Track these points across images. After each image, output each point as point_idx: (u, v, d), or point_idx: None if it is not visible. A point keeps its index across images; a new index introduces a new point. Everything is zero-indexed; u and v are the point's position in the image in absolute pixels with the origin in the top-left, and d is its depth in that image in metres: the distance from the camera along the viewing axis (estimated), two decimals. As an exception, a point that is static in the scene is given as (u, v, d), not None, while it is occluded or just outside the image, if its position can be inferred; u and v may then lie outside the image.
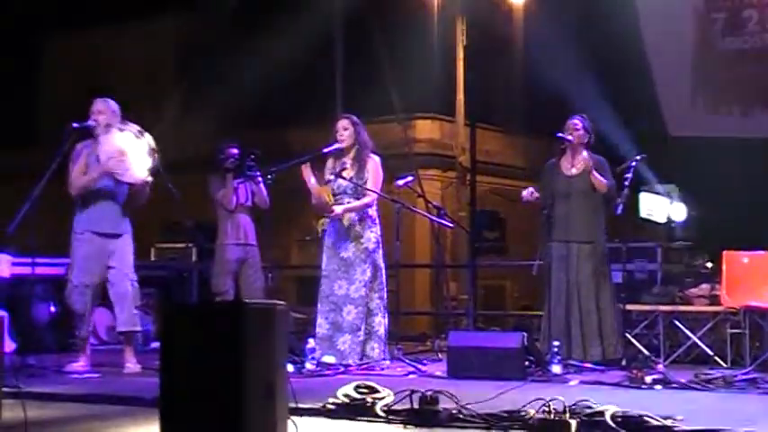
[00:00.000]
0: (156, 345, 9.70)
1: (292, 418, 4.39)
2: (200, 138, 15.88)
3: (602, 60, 13.72)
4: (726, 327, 10.12)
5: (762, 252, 10.43)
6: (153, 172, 9.23)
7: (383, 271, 9.78)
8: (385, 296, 9.77)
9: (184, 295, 12.69)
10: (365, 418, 6.28)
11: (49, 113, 22.32)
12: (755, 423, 5.81)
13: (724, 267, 10.44)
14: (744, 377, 8.59)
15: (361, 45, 16.10)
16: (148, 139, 9.26)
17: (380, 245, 9.78)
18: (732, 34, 13.34)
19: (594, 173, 9.65)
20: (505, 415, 5.97)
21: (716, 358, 9.93)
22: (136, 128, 9.31)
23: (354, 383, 6.83)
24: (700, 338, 10.15)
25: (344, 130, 9.73)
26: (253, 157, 11.30)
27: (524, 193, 9.95)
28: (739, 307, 10.00)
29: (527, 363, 8.64)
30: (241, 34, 18.53)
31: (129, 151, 9.19)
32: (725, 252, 10.52)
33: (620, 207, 9.76)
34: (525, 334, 9.13)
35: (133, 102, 9.67)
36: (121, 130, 9.25)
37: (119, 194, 9.29)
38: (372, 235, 9.67)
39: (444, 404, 6.18)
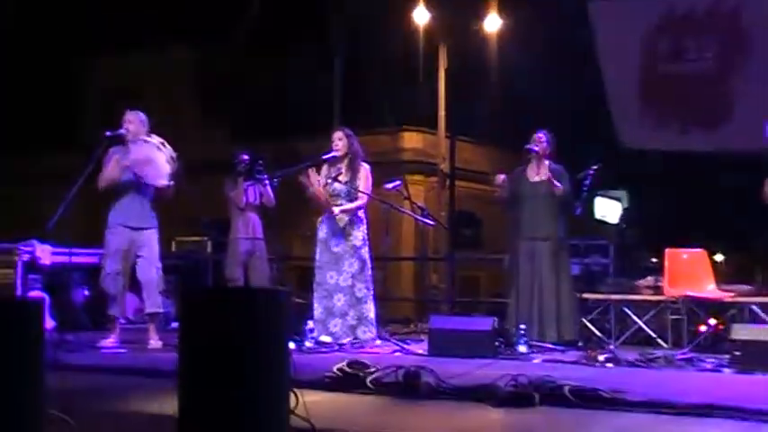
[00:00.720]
0: (175, 325, 9.69)
1: (294, 389, 4.39)
2: (216, 146, 15.84)
3: (564, 81, 13.73)
4: (667, 313, 10.15)
5: (698, 250, 10.49)
6: (173, 177, 9.26)
7: (369, 264, 9.79)
8: (372, 286, 9.76)
9: (200, 282, 12.68)
10: (357, 390, 6.27)
11: (86, 123, 22.36)
12: (690, 396, 5.82)
13: (666, 263, 10.50)
14: (682, 356, 8.62)
15: (356, 68, 16.12)
16: (169, 150, 9.30)
17: (367, 242, 9.78)
18: (673, 61, 13.37)
19: (553, 180, 9.69)
20: (479, 387, 5.95)
21: (658, 340, 9.96)
22: (159, 140, 9.32)
23: (347, 360, 6.86)
24: (645, 323, 10.17)
25: (339, 140, 9.74)
26: (261, 162, 11.34)
27: (499, 178, 9.99)
28: (679, 296, 10.03)
29: (497, 343, 8.63)
30: (253, 58, 18.55)
31: (154, 160, 9.22)
32: (667, 250, 10.58)
33: (579, 209, 9.80)
34: (496, 318, 9.14)
35: (158, 114, 9.66)
36: (147, 142, 9.28)
37: (146, 194, 9.29)
38: (360, 234, 9.67)
39: (425, 378, 6.17)
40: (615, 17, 13.41)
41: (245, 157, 11.57)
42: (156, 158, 9.20)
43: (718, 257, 11.03)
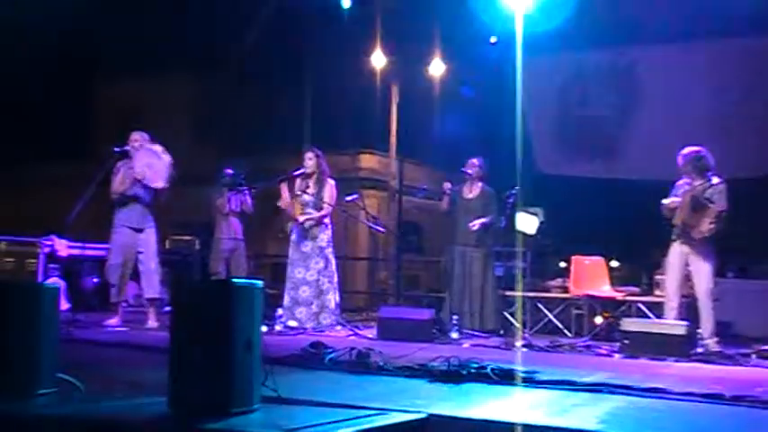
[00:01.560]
0: (168, 309, 9.71)
1: (264, 365, 4.42)
2: (205, 161, 15.81)
3: (496, 116, 13.81)
4: (572, 308, 10.30)
5: (598, 257, 10.63)
6: (170, 180, 9.28)
7: (332, 262, 9.81)
8: (334, 280, 9.80)
9: (190, 274, 12.65)
10: (317, 367, 6.28)
11: (100, 137, 22.09)
12: (593, 374, 5.93)
13: (572, 267, 10.65)
14: (583, 344, 8.74)
15: (325, 99, 16.14)
16: (168, 158, 9.31)
17: (331, 243, 9.82)
18: (582, 106, 13.56)
19: (484, 198, 9.80)
20: (417, 366, 6.00)
21: (564, 330, 10.10)
22: (160, 148, 9.35)
23: (310, 341, 6.91)
24: (554, 316, 10.32)
25: (310, 159, 9.78)
26: (242, 175, 11.39)
27: (446, 186, 10.08)
28: (581, 295, 10.19)
29: (434, 330, 8.72)
30: (238, 87, 18.50)
31: (154, 164, 9.23)
32: (573, 257, 10.72)
33: (503, 222, 9.90)
34: (434, 310, 9.24)
35: (158, 131, 9.66)
36: (149, 149, 9.29)
37: (146, 200, 9.30)
38: (325, 236, 9.71)
39: (374, 358, 6.24)
40: (538, 70, 13.58)
41: (229, 171, 11.61)
42: (156, 164, 9.23)
43: (614, 264, 11.16)
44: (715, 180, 8.35)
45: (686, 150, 8.49)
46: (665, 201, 8.49)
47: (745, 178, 11.18)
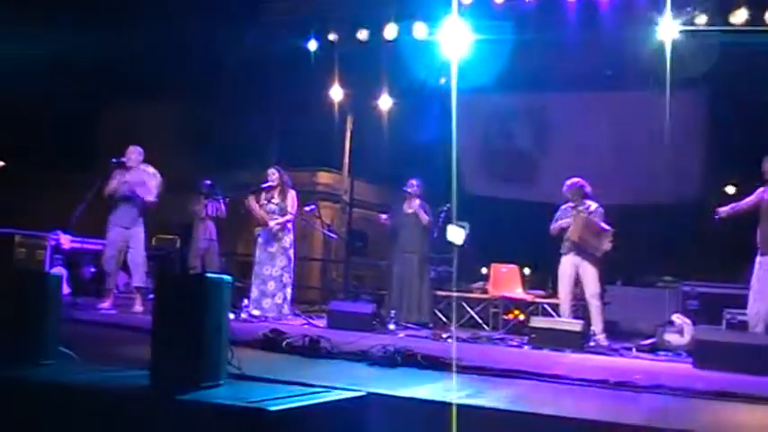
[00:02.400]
0: (152, 296, 9.61)
1: (231, 346, 4.41)
2: (187, 172, 15.67)
3: (433, 143, 13.87)
4: (490, 307, 10.38)
5: (513, 265, 10.71)
6: (158, 196, 9.21)
7: (293, 262, 9.81)
8: (293, 276, 9.80)
9: (171, 268, 12.54)
10: (276, 350, 6.29)
11: (102, 151, 21.74)
12: (502, 363, 5.98)
13: (491, 273, 10.73)
14: (498, 337, 8.85)
15: (290, 123, 16.09)
16: (158, 178, 9.27)
17: (293, 245, 9.81)
18: (502, 138, 13.70)
19: (421, 213, 9.85)
20: (360, 352, 6.03)
21: (483, 325, 10.18)
22: (152, 170, 9.30)
23: (270, 328, 6.90)
24: (476, 313, 10.40)
25: (273, 174, 9.80)
26: (217, 186, 11.37)
27: (381, 217, 10.13)
28: (498, 296, 10.28)
29: (375, 322, 8.74)
30: (216, 112, 18.39)
31: (146, 183, 9.18)
32: (493, 264, 10.81)
33: (436, 234, 9.97)
34: (375, 304, 9.27)
35: (150, 147, 9.59)
36: (143, 170, 9.25)
37: (136, 204, 9.22)
38: (288, 239, 9.70)
39: (324, 344, 6.24)
40: (466, 105, 13.67)
41: (207, 182, 11.55)
42: (148, 182, 9.19)
43: (527, 271, 11.26)
44: (592, 205, 8.58)
45: (570, 181, 8.72)
46: (555, 224, 8.67)
47: (633, 204, 11.39)
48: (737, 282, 9.44)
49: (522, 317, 9.86)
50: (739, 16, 8.73)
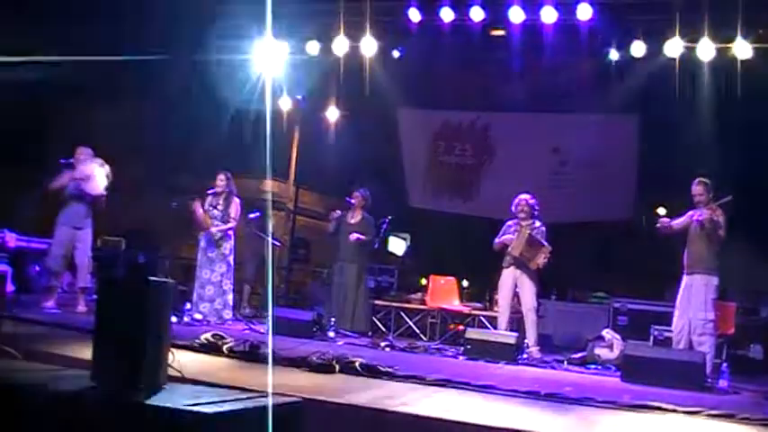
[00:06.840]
0: (95, 297, 9.47)
1: (172, 349, 4.38)
2: (138, 175, 15.44)
3: (378, 156, 13.90)
4: (428, 318, 10.41)
5: (451, 277, 10.77)
6: (107, 189, 9.09)
7: (232, 268, 9.72)
8: (232, 282, 9.73)
9: (114, 270, 12.34)
10: (216, 354, 6.27)
11: (58, 152, 21.24)
12: (437, 373, 5.99)
13: (430, 284, 10.76)
14: (435, 347, 8.87)
15: (239, 132, 15.98)
16: (106, 169, 9.13)
17: (233, 252, 9.72)
18: (447, 154, 13.82)
19: (360, 236, 9.82)
20: (299, 358, 6.02)
21: (421, 335, 10.19)
22: (100, 161, 9.15)
23: (212, 332, 6.85)
24: (414, 323, 10.43)
25: (221, 180, 9.71)
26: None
27: (333, 214, 10.07)
28: (436, 307, 10.33)
29: (314, 329, 8.69)
30: (172, 118, 18.19)
31: (93, 175, 9.04)
32: (431, 276, 10.85)
33: (377, 244, 9.98)
34: (316, 312, 9.24)
35: (100, 149, 9.44)
36: (91, 161, 9.10)
37: (86, 203, 9.08)
38: (228, 245, 9.59)
39: (264, 349, 6.22)
40: (412, 121, 13.78)
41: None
42: (96, 174, 9.03)
43: (465, 283, 11.35)
44: (537, 223, 8.72)
45: (522, 196, 8.82)
46: (498, 240, 8.77)
47: (569, 222, 11.57)
48: (665, 300, 9.66)
49: (458, 328, 9.91)
50: (674, 47, 8.96)
